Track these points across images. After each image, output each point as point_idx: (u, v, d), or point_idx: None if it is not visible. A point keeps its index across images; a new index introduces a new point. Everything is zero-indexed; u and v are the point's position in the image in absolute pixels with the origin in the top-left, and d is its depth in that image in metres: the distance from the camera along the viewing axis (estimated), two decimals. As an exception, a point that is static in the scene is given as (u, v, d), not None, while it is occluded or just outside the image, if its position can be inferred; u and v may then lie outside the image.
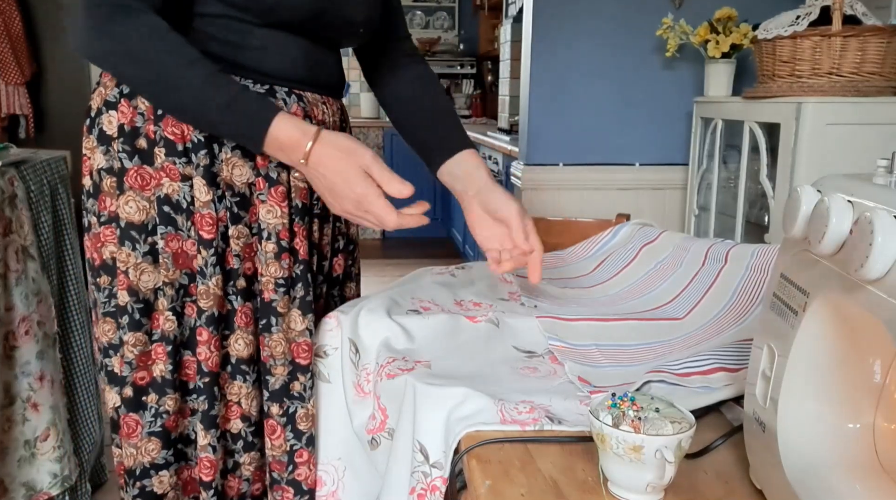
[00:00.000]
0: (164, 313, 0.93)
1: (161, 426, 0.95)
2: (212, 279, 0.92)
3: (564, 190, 2.55)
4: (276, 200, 0.95)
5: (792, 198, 0.57)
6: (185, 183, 0.91)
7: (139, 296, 0.92)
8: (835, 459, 0.57)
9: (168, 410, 0.95)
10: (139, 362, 0.93)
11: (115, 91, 0.92)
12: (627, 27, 2.45)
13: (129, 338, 0.92)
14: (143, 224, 0.92)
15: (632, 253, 1.25)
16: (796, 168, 1.76)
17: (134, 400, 0.94)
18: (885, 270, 0.45)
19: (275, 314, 0.95)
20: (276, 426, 0.97)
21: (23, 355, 1.69)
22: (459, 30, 6.12)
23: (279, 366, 0.96)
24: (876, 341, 0.55)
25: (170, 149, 0.91)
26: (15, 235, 1.65)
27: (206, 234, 0.92)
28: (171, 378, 0.94)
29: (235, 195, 0.94)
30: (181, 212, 0.92)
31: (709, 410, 0.78)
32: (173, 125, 0.91)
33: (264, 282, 0.95)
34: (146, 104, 0.91)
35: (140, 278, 0.92)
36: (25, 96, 3.40)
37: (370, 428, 0.91)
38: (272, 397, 0.97)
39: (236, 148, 0.93)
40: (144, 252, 0.92)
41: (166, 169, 0.91)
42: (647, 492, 0.61)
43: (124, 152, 0.91)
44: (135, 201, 0.91)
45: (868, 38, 1.71)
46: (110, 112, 0.92)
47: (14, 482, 1.71)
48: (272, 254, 0.95)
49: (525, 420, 0.74)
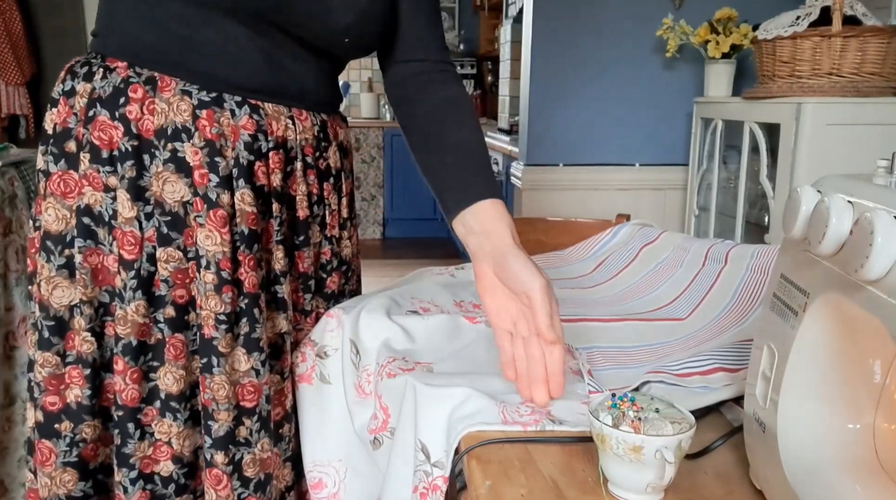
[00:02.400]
0: (81, 333, 0.83)
1: (77, 456, 0.85)
2: (131, 304, 0.83)
3: (564, 190, 2.55)
4: (215, 224, 0.84)
5: (792, 198, 0.57)
6: (109, 194, 0.83)
7: (49, 312, 0.83)
8: (835, 459, 0.57)
9: (85, 438, 0.85)
10: (48, 385, 0.84)
11: (59, 87, 0.86)
12: (627, 27, 2.45)
13: (38, 358, 0.84)
14: (61, 235, 0.84)
15: (632, 253, 1.25)
16: (796, 168, 1.76)
17: (46, 427, 0.85)
18: (886, 270, 0.45)
19: (216, 354, 0.85)
20: (222, 476, 0.87)
21: (23, 356, 1.69)
22: (459, 30, 6.12)
23: (223, 411, 0.86)
24: (876, 342, 0.55)
25: (94, 155, 0.83)
26: (15, 236, 1.65)
27: (128, 254, 0.83)
28: (90, 404, 0.84)
29: (166, 214, 0.84)
30: (103, 225, 0.84)
31: (709, 410, 0.78)
32: (101, 129, 0.83)
33: (204, 316, 0.85)
34: (81, 104, 0.84)
35: (52, 294, 0.83)
36: (25, 96, 3.41)
37: (372, 428, 0.91)
38: (216, 444, 0.86)
39: (169, 161, 0.83)
40: (59, 265, 0.84)
41: (89, 177, 0.83)
42: (647, 492, 0.61)
43: (51, 155, 0.84)
44: (54, 209, 0.83)
45: (868, 39, 1.72)
46: (52, 110, 0.86)
47: (14, 482, 1.71)
48: (212, 286, 0.84)
49: (526, 421, 0.74)
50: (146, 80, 0.84)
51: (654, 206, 2.57)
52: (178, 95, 0.84)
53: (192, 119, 0.84)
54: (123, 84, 0.84)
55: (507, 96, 3.86)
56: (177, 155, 0.84)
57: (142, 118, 0.83)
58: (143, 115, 0.83)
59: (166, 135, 0.83)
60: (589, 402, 0.74)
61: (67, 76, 0.87)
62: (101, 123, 0.83)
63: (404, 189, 5.55)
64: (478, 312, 1.04)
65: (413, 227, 5.63)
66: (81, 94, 0.84)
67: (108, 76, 0.84)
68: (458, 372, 0.86)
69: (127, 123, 0.83)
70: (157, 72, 0.84)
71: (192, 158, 0.84)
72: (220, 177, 0.85)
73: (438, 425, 0.76)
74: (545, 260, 1.35)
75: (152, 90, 0.84)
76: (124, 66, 0.85)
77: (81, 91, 0.84)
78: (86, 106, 0.84)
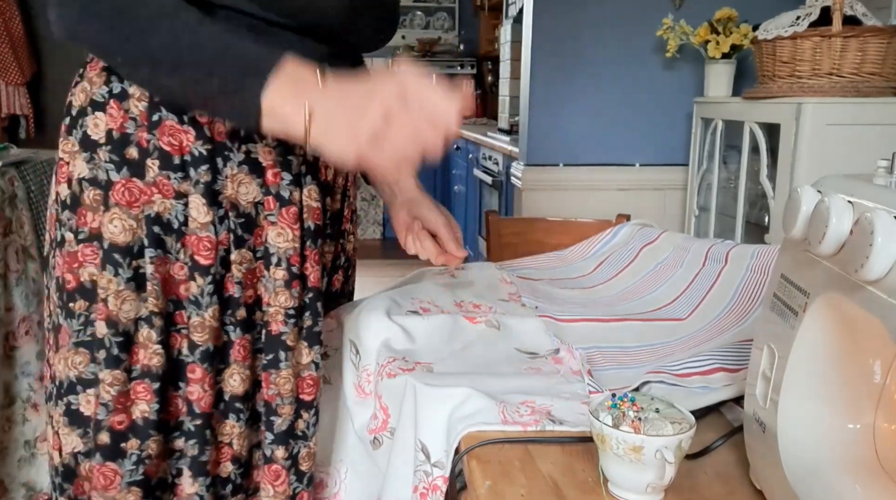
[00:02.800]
0: (151, 346, 0.81)
1: (143, 474, 0.83)
2: (208, 310, 0.82)
3: (564, 190, 2.55)
4: (287, 221, 0.85)
5: (792, 198, 0.57)
6: (179, 201, 0.81)
7: (118, 328, 0.80)
8: (835, 459, 0.57)
9: (151, 454, 0.83)
10: (117, 403, 0.81)
11: (103, 90, 0.81)
12: (628, 27, 2.45)
13: (107, 377, 0.80)
14: (128, 246, 0.80)
15: (632, 253, 1.25)
16: (796, 169, 1.76)
17: (112, 448, 0.81)
18: (886, 270, 0.45)
19: (284, 348, 0.86)
20: (281, 471, 0.89)
21: (23, 356, 1.69)
22: (459, 30, 6.12)
23: (286, 405, 0.87)
24: (876, 342, 0.55)
25: (165, 161, 0.80)
26: (15, 236, 1.65)
27: (204, 259, 0.81)
28: (157, 419, 0.82)
29: (240, 216, 0.83)
30: (171, 233, 0.81)
31: (709, 410, 0.78)
32: (170, 135, 0.80)
33: (272, 312, 0.86)
34: (139, 108, 0.80)
35: (121, 308, 0.80)
36: (25, 96, 3.41)
37: (372, 428, 0.91)
38: (277, 439, 0.88)
39: (243, 163, 0.83)
40: (128, 278, 0.80)
41: (159, 184, 0.80)
42: (648, 492, 0.61)
43: (111, 163, 0.80)
44: (120, 220, 0.80)
45: (868, 39, 1.71)
46: (97, 114, 0.81)
47: (14, 482, 1.71)
48: (282, 282, 0.85)
49: (526, 421, 0.74)
50: None
51: (654, 206, 2.57)
52: None
53: None
54: None
55: (508, 96, 3.86)
56: (250, 156, 0.83)
57: (212, 121, 0.81)
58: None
59: (239, 137, 0.83)
60: (589, 402, 0.74)
61: (112, 77, 0.81)
62: (170, 128, 0.80)
63: (404, 189, 5.54)
64: (478, 312, 1.04)
65: (413, 227, 5.63)
66: (139, 97, 0.80)
67: None
68: (458, 372, 0.86)
69: (199, 126, 0.81)
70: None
71: (264, 158, 0.84)
72: (292, 175, 0.86)
73: (438, 425, 0.76)
74: (546, 260, 1.35)
75: None
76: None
77: (138, 94, 0.80)
78: (147, 110, 0.80)
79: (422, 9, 6.08)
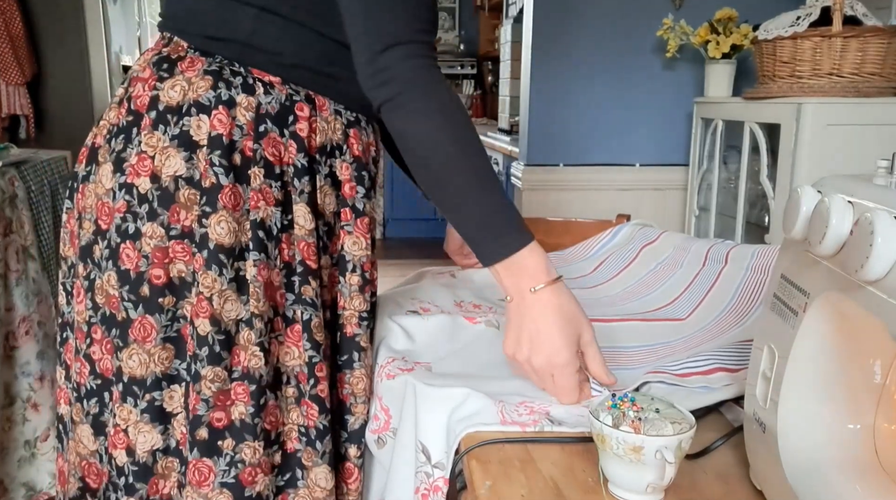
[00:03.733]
0: (250, 347, 0.83)
1: (235, 478, 0.83)
2: (320, 311, 0.87)
3: (564, 190, 2.55)
4: (361, 231, 0.92)
5: (792, 199, 0.57)
6: (278, 208, 0.85)
7: (221, 326, 0.82)
8: (835, 459, 0.57)
9: (244, 459, 0.83)
10: (217, 400, 0.82)
11: (210, 94, 0.83)
12: (628, 28, 2.45)
13: (208, 373, 0.81)
14: (232, 248, 0.82)
15: (632, 253, 1.25)
16: (796, 169, 1.76)
17: (210, 444, 0.83)
18: (886, 270, 0.45)
19: (358, 349, 0.91)
20: (354, 469, 0.92)
21: (23, 356, 1.69)
22: (460, 30, 6.12)
23: (360, 404, 0.92)
24: (876, 342, 0.55)
25: (268, 171, 0.84)
26: (15, 236, 1.65)
27: (313, 263, 0.86)
28: (252, 423, 0.83)
29: (325, 225, 0.90)
30: (272, 239, 0.85)
31: (709, 410, 0.78)
32: (273, 146, 0.84)
33: (347, 316, 0.91)
34: (247, 117, 0.83)
35: (223, 307, 0.82)
36: (26, 96, 3.41)
37: (374, 428, 0.91)
38: (351, 438, 0.91)
39: (328, 176, 0.89)
40: (230, 278, 0.82)
41: (263, 191, 0.84)
42: (648, 493, 0.61)
43: (220, 167, 0.82)
44: (227, 222, 0.82)
45: (868, 39, 1.71)
46: (201, 116, 0.82)
47: (14, 482, 1.71)
48: (357, 287, 0.91)
49: (525, 422, 0.74)
50: (305, 98, 0.87)
51: (654, 206, 2.57)
52: (333, 114, 0.90)
53: (343, 137, 0.91)
54: (288, 102, 0.86)
55: (508, 96, 3.86)
56: (332, 170, 0.90)
57: (310, 136, 0.87)
58: (310, 133, 0.87)
59: (325, 151, 0.89)
60: (588, 403, 0.74)
61: (219, 83, 0.84)
62: (273, 140, 0.85)
63: (404, 189, 5.54)
64: (478, 312, 1.04)
65: (413, 227, 5.63)
66: (246, 107, 0.84)
67: (270, 92, 0.85)
68: (456, 373, 0.86)
69: (300, 140, 0.86)
70: (312, 90, 0.88)
71: (342, 172, 0.91)
72: (365, 188, 0.93)
73: (438, 426, 0.76)
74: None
75: (314, 109, 0.88)
76: (279, 82, 0.86)
77: (245, 104, 0.84)
78: (253, 120, 0.84)
79: (422, 9, 6.08)
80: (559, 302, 0.78)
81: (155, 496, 0.86)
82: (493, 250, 0.79)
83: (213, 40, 0.86)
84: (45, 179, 1.80)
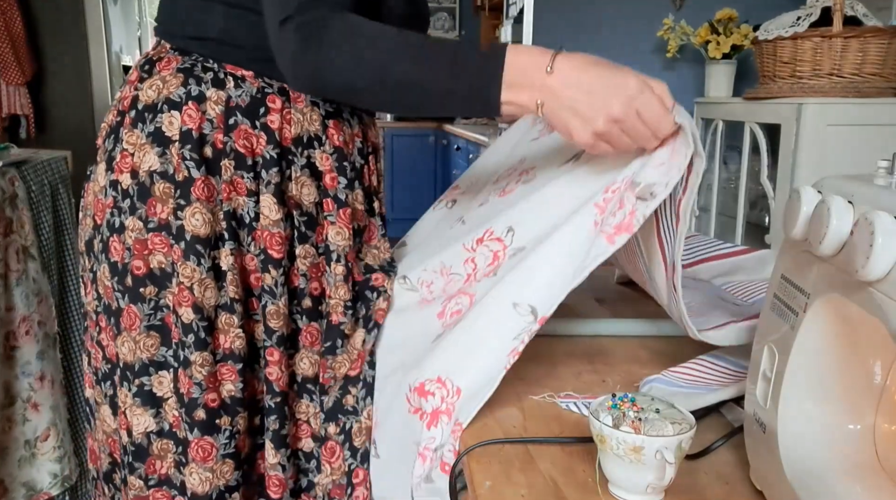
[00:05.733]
0: (232, 330, 0.88)
1: (234, 447, 0.91)
2: (281, 299, 0.89)
3: (565, 191, 2.54)
4: (343, 221, 0.93)
5: (792, 199, 0.57)
6: (251, 198, 0.88)
7: (204, 313, 0.86)
8: (835, 460, 0.57)
9: (239, 430, 0.91)
10: (208, 383, 0.88)
11: (180, 90, 0.87)
12: (628, 28, 2.45)
13: (197, 358, 0.86)
14: (208, 238, 0.86)
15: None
16: (797, 169, 1.76)
17: (208, 423, 0.88)
18: (886, 271, 0.45)
19: (342, 336, 0.94)
20: (336, 447, 0.95)
21: (23, 355, 1.69)
22: (460, 30, 6.12)
23: (336, 384, 0.95)
24: (876, 342, 0.55)
25: (239, 162, 0.87)
26: (16, 235, 1.65)
27: (276, 253, 0.89)
28: (241, 396, 0.90)
29: (303, 215, 0.91)
30: (244, 227, 0.89)
31: (709, 411, 0.78)
32: (244, 138, 0.87)
33: (333, 305, 0.93)
34: (216, 111, 0.86)
35: (204, 295, 0.86)
36: (26, 96, 3.41)
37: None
38: (328, 416, 0.95)
39: (305, 167, 0.91)
40: (208, 267, 0.86)
41: (235, 183, 0.87)
42: (648, 493, 0.61)
43: (191, 160, 0.85)
44: (201, 214, 0.86)
45: (869, 40, 1.71)
46: (172, 112, 0.86)
47: (14, 482, 1.71)
48: (341, 276, 0.93)
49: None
50: (279, 90, 0.89)
51: (654, 206, 2.57)
52: (309, 105, 0.91)
53: (322, 128, 0.92)
54: (260, 94, 0.88)
55: (508, 97, 3.85)
56: (310, 161, 0.91)
57: (282, 127, 0.89)
58: (283, 124, 0.89)
59: (302, 143, 0.90)
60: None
61: (189, 80, 0.87)
62: (244, 132, 0.87)
63: (404, 189, 5.54)
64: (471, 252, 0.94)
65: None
66: (216, 101, 0.86)
67: (241, 85, 0.87)
68: None
69: (270, 131, 0.88)
70: (286, 83, 0.89)
71: (322, 163, 0.92)
72: (347, 179, 0.94)
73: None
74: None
75: (287, 101, 0.89)
76: (252, 76, 0.88)
77: (215, 98, 0.86)
78: (223, 113, 0.86)
79: (422, 9, 6.08)
80: (582, 59, 0.77)
81: (153, 475, 0.91)
82: (487, 95, 0.78)
83: (192, 40, 0.90)
84: (46, 179, 1.80)
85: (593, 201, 0.80)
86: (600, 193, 0.80)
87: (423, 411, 0.78)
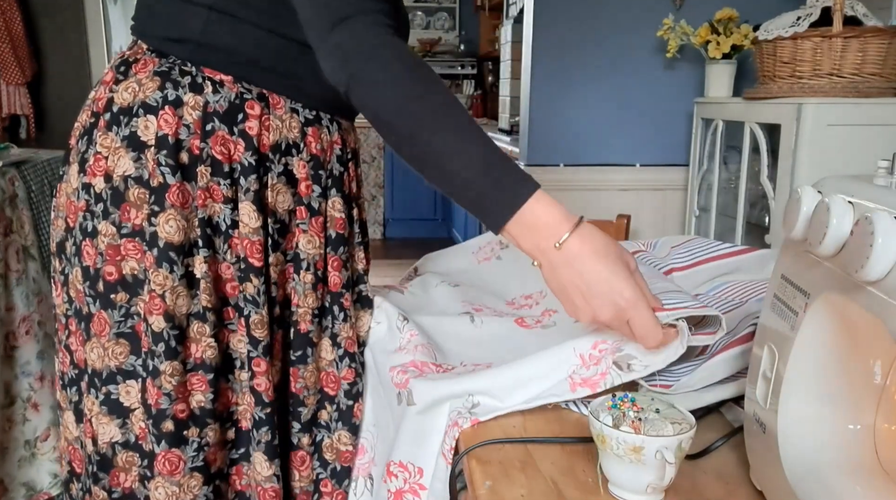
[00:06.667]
0: (204, 339, 0.86)
1: (203, 460, 0.88)
2: (264, 308, 0.87)
3: (565, 190, 2.55)
4: (315, 230, 0.92)
5: (792, 199, 0.57)
6: (227, 205, 0.86)
7: (175, 322, 0.84)
8: (835, 460, 0.57)
9: (209, 442, 0.88)
10: (178, 393, 0.85)
11: (157, 94, 0.84)
12: (628, 28, 2.45)
13: (167, 368, 0.84)
14: (182, 245, 0.84)
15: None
16: (797, 169, 1.76)
17: (175, 435, 0.85)
18: (886, 271, 0.45)
19: (310, 345, 0.93)
20: (306, 457, 0.95)
21: (23, 355, 1.69)
22: (460, 30, 6.12)
23: (310, 396, 0.94)
24: (876, 342, 0.55)
25: (216, 169, 0.85)
26: (16, 235, 1.65)
27: (256, 261, 0.87)
28: (212, 408, 0.87)
29: (277, 222, 0.89)
30: (219, 235, 0.86)
31: (709, 410, 0.78)
32: (221, 144, 0.85)
33: (301, 313, 0.92)
34: (193, 116, 0.84)
35: (176, 303, 0.84)
36: (26, 96, 3.40)
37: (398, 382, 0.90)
38: (303, 428, 0.95)
39: (282, 174, 0.89)
40: (181, 275, 0.84)
41: (211, 189, 0.85)
42: (648, 493, 0.61)
43: (167, 166, 0.83)
44: (175, 221, 0.83)
45: (869, 40, 1.71)
46: (148, 117, 0.84)
47: (14, 481, 1.71)
48: (310, 284, 0.92)
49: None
50: (258, 96, 0.87)
51: (654, 206, 2.57)
52: (288, 112, 0.89)
53: (300, 135, 0.90)
54: (238, 100, 0.86)
55: (508, 97, 3.85)
56: (287, 168, 0.89)
57: (260, 134, 0.87)
58: (262, 131, 0.87)
59: (280, 150, 0.88)
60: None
61: (167, 83, 0.85)
62: (222, 138, 0.85)
63: (404, 189, 5.54)
64: (528, 307, 1.02)
65: (413, 227, 5.63)
66: (193, 106, 0.84)
67: (219, 90, 0.85)
68: None
69: (248, 138, 0.86)
70: (265, 89, 0.87)
71: (299, 171, 0.90)
72: (321, 187, 0.92)
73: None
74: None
75: (266, 107, 0.87)
76: (230, 81, 0.86)
77: (192, 103, 0.84)
78: (200, 119, 0.84)
79: (422, 9, 6.08)
80: (592, 246, 0.72)
81: (116, 488, 0.88)
82: (496, 210, 0.74)
83: (169, 41, 0.87)
84: (46, 179, 1.80)
85: (579, 352, 0.80)
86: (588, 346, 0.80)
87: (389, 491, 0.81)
